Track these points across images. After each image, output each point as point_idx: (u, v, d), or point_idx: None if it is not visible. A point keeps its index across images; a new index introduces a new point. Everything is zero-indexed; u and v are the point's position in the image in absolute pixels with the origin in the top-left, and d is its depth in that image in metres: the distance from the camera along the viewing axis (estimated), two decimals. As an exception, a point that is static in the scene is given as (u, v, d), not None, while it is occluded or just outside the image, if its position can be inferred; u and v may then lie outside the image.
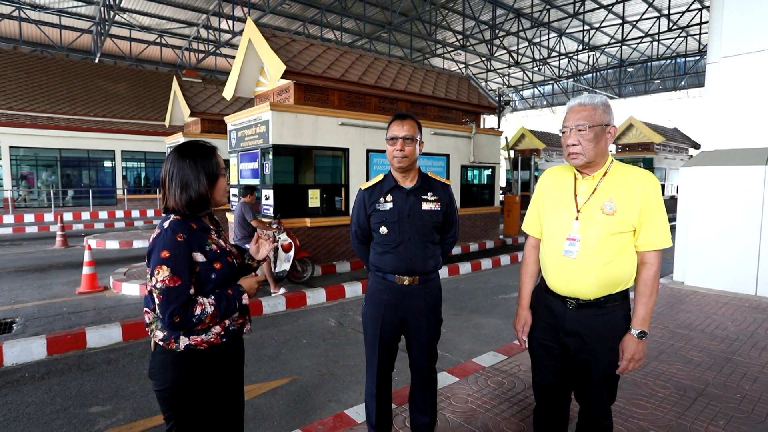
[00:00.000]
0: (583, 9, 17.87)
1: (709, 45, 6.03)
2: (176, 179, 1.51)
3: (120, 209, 16.70)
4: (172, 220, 1.48)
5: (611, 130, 1.64)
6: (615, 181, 1.65)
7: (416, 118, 2.17)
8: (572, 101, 1.70)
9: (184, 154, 1.54)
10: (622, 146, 20.90)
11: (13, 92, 16.22)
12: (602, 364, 1.65)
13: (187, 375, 1.48)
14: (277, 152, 6.90)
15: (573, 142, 1.64)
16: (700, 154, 6.15)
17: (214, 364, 1.54)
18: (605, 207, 1.63)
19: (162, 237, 1.44)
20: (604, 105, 1.64)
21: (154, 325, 1.51)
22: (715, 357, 3.54)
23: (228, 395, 1.65)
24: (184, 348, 1.47)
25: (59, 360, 3.88)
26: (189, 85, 12.12)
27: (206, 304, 1.45)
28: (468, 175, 10.28)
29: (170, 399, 1.47)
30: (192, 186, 1.51)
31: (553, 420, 1.85)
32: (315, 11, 17.87)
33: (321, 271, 7.37)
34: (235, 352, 1.65)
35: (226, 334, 1.55)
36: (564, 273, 1.69)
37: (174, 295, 1.38)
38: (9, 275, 7.03)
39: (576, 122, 1.63)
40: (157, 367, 1.48)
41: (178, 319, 1.39)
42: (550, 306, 1.76)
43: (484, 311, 5.38)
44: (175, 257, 1.41)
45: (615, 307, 1.66)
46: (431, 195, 2.15)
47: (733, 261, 5.54)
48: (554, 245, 1.73)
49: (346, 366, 3.76)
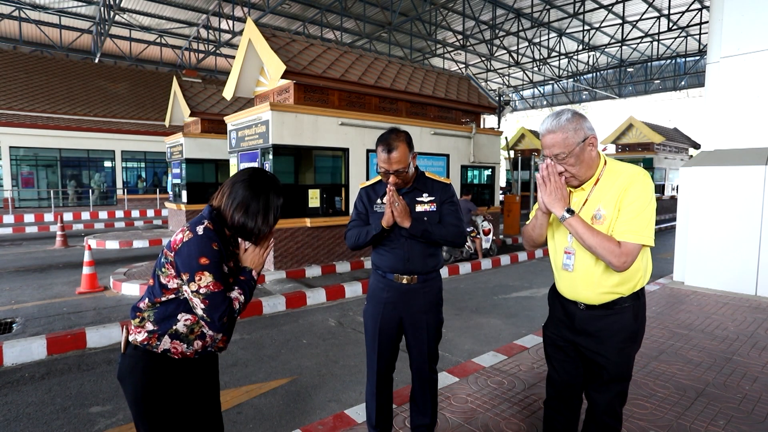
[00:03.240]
0: (583, 9, 17.87)
1: (709, 45, 6.03)
2: (250, 205, 1.50)
3: (120, 209, 16.70)
4: (206, 227, 1.46)
5: (591, 140, 1.60)
6: (604, 186, 1.63)
7: (404, 132, 2.08)
8: (542, 126, 1.66)
9: (274, 187, 1.55)
10: (622, 146, 20.89)
11: (13, 92, 16.22)
12: (612, 364, 1.66)
13: (158, 381, 1.47)
14: (277, 152, 6.90)
15: (561, 170, 1.62)
16: (700, 154, 6.15)
17: (184, 376, 1.53)
18: (596, 216, 1.61)
19: (198, 243, 1.42)
20: (572, 122, 1.58)
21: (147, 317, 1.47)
22: (715, 357, 3.54)
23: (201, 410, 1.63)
24: (161, 352, 1.46)
25: (59, 360, 3.88)
26: (189, 85, 12.12)
27: (238, 296, 1.51)
28: (468, 175, 10.28)
29: (141, 405, 1.46)
30: (254, 218, 1.51)
31: (561, 414, 1.87)
32: (315, 11, 17.86)
33: (321, 271, 7.37)
34: (207, 368, 1.64)
35: (203, 352, 1.55)
36: (567, 284, 1.73)
37: (220, 299, 1.43)
38: (9, 275, 7.03)
39: (554, 152, 1.60)
40: (129, 369, 1.47)
41: (226, 319, 1.46)
42: (563, 304, 1.80)
43: (484, 311, 5.38)
44: (215, 265, 1.43)
45: (625, 309, 1.66)
46: (426, 196, 2.14)
47: (733, 261, 5.54)
48: (556, 258, 1.78)
49: (346, 366, 3.76)
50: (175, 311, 1.47)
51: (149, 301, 1.49)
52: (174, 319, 1.47)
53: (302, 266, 7.30)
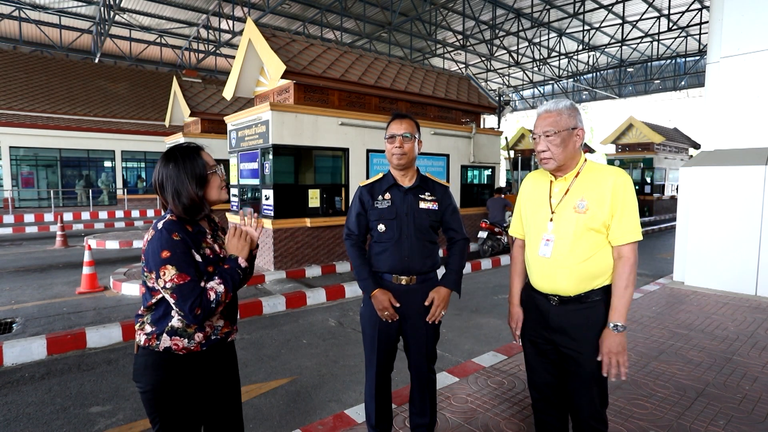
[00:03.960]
0: (583, 9, 17.87)
1: (709, 45, 6.03)
2: (168, 187, 1.51)
3: (120, 209, 16.70)
4: (167, 220, 1.48)
5: (579, 132, 1.71)
6: (587, 181, 1.72)
7: (414, 118, 2.21)
8: (540, 108, 1.77)
9: (168, 159, 1.52)
10: (622, 146, 20.88)
11: (13, 92, 16.22)
12: (588, 360, 1.68)
13: (167, 378, 1.48)
14: (277, 152, 6.90)
15: (542, 148, 1.72)
16: (700, 154, 6.15)
17: (195, 371, 1.53)
18: (578, 206, 1.69)
19: (158, 238, 1.44)
20: (569, 109, 1.70)
21: (145, 320, 1.52)
22: (715, 357, 3.54)
23: (218, 404, 1.63)
24: (164, 350, 1.47)
25: (59, 360, 3.88)
26: (189, 85, 12.12)
27: (215, 286, 1.46)
28: (468, 175, 10.28)
29: (153, 402, 1.47)
30: (182, 193, 1.50)
31: (550, 415, 1.89)
32: (315, 11, 17.86)
33: (321, 271, 7.37)
34: (220, 361, 1.63)
35: (208, 342, 1.54)
36: (543, 271, 1.77)
37: (187, 290, 1.40)
38: (9, 275, 7.03)
39: (543, 129, 1.71)
40: (140, 369, 1.49)
41: (199, 311, 1.41)
42: (536, 303, 1.83)
43: (484, 311, 5.38)
44: (176, 255, 1.42)
45: (597, 302, 1.70)
46: (429, 195, 2.17)
47: (733, 261, 5.54)
48: (533, 245, 1.81)
49: (346, 366, 3.76)
50: (167, 310, 1.50)
51: (144, 306, 1.53)
52: (168, 317, 1.49)
53: (302, 266, 7.30)
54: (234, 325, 1.67)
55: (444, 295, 2.09)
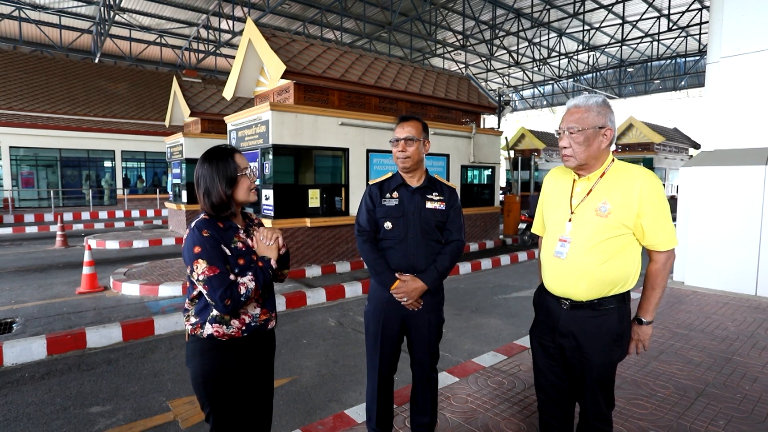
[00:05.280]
0: (583, 9, 17.88)
1: (709, 45, 6.03)
2: (201, 185, 1.64)
3: (120, 209, 16.70)
4: (199, 219, 1.63)
5: (607, 132, 1.61)
6: (612, 182, 1.63)
7: (421, 119, 2.21)
8: (569, 102, 1.69)
9: (204, 159, 1.66)
10: (622, 146, 20.91)
11: (13, 92, 16.22)
12: (595, 366, 1.64)
13: (213, 363, 1.60)
14: (277, 152, 6.90)
15: (564, 145, 1.65)
16: (700, 154, 6.15)
17: (238, 356, 1.64)
18: (600, 209, 1.61)
19: (191, 236, 1.58)
20: (599, 106, 1.61)
21: (190, 311, 1.64)
22: (715, 357, 3.54)
23: (257, 388, 1.76)
24: (207, 336, 1.59)
25: (59, 360, 3.88)
26: (189, 85, 12.12)
27: (247, 282, 1.58)
28: (468, 175, 10.28)
29: (201, 385, 1.60)
30: (212, 192, 1.62)
31: (555, 418, 1.86)
32: (315, 11, 17.87)
33: (321, 271, 7.37)
34: (261, 347, 1.74)
35: (248, 329, 1.65)
36: (556, 274, 1.70)
37: (217, 282, 1.51)
38: (9, 275, 7.03)
39: (568, 124, 1.62)
40: (190, 355, 1.64)
41: (228, 301, 1.52)
42: (547, 305, 1.78)
43: (484, 311, 5.38)
44: (206, 250, 1.54)
45: (610, 310, 1.63)
46: (436, 195, 2.18)
47: (733, 261, 5.54)
48: (549, 246, 1.75)
49: (346, 366, 3.76)
50: (207, 301, 1.61)
51: (188, 299, 1.66)
52: (209, 308, 1.60)
53: (302, 266, 7.30)
54: (272, 312, 1.76)
55: (415, 287, 2.06)
